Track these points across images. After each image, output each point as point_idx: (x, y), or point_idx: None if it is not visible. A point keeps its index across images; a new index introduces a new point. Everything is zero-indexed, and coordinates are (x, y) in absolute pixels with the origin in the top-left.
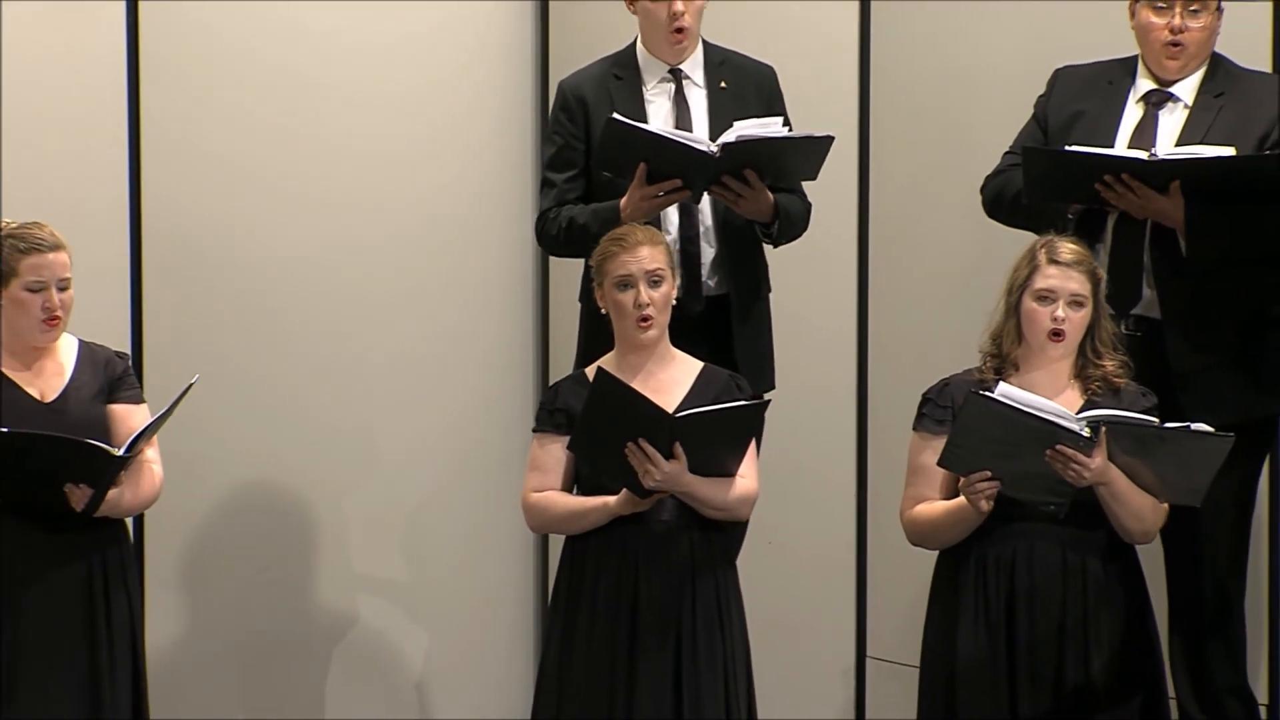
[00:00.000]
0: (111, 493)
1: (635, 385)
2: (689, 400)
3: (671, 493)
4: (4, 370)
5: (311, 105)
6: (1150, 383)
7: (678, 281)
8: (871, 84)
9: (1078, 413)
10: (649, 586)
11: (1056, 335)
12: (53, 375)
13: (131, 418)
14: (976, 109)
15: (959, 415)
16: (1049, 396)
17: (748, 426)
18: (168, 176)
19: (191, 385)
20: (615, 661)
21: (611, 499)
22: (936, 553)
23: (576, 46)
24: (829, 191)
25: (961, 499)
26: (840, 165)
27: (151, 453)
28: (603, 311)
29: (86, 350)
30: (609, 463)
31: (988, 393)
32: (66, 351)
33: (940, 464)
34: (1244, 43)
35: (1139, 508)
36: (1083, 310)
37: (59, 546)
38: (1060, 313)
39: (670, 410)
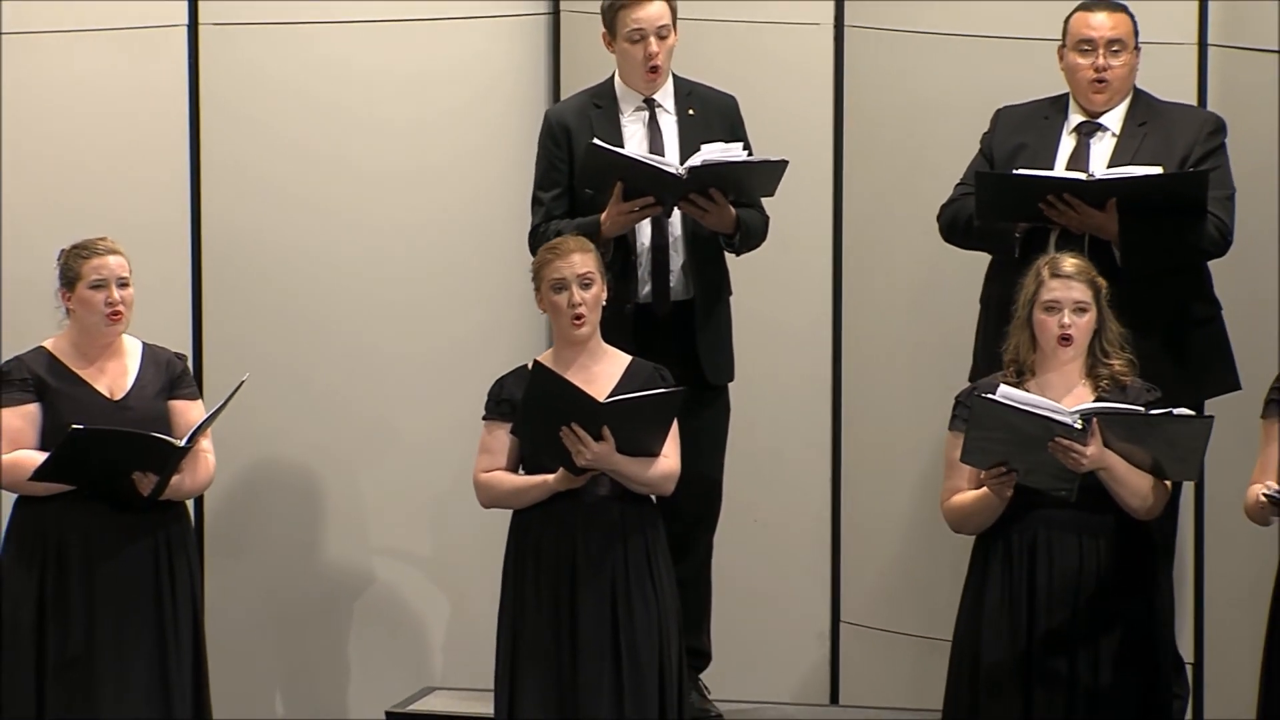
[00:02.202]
0: (173, 479)
1: (570, 377)
2: (618, 390)
3: (602, 470)
4: (77, 370)
5: (350, 133)
6: None
7: (606, 285)
8: (844, 113)
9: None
10: (585, 545)
11: (1065, 340)
12: (119, 375)
13: (190, 412)
14: (936, 137)
15: (970, 419)
16: (1062, 395)
17: (668, 411)
18: (224, 198)
19: (242, 384)
20: (559, 609)
21: (550, 477)
22: (909, 530)
23: (584, 81)
24: (806, 208)
25: (985, 489)
26: (815, 185)
27: (206, 443)
28: (542, 313)
29: (149, 352)
30: (547, 444)
31: (988, 396)
32: (132, 353)
33: (961, 460)
34: (1173, 84)
35: (1138, 487)
36: (1087, 315)
37: (129, 525)
38: (1066, 319)
39: (601, 398)
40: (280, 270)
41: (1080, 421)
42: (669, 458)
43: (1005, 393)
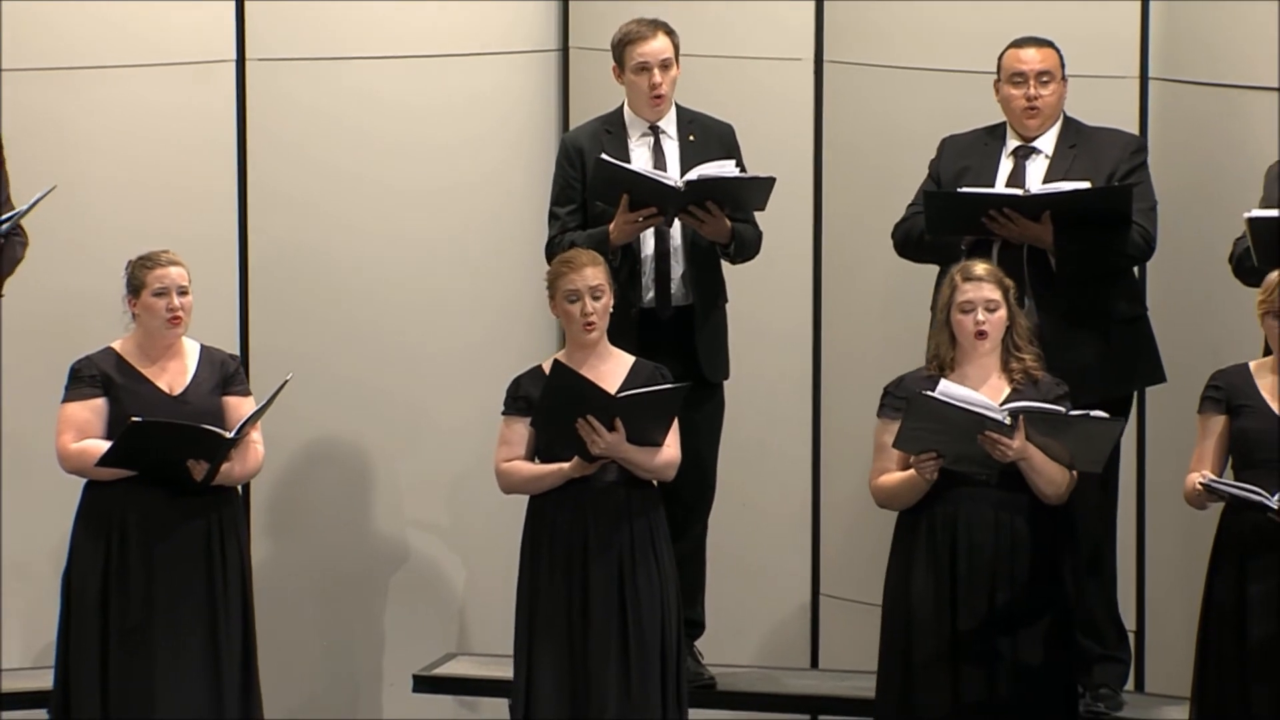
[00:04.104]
0: (224, 466)
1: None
2: (624, 386)
3: (612, 458)
4: (140, 369)
5: (381, 157)
6: None
7: (613, 295)
8: (824, 140)
9: (1004, 400)
10: (596, 526)
11: (981, 335)
12: (179, 373)
13: (241, 407)
14: (906, 161)
15: (908, 410)
16: (979, 387)
17: (672, 405)
18: (268, 216)
19: (286, 382)
20: (571, 584)
21: (566, 465)
22: (883, 511)
23: (590, 112)
24: (790, 224)
25: (914, 470)
26: (798, 203)
27: (256, 434)
28: (555, 318)
29: (206, 353)
30: (563, 435)
31: (930, 393)
32: (190, 354)
33: (895, 446)
34: (1116, 114)
35: (1052, 475)
36: (998, 312)
37: (184, 508)
38: (980, 317)
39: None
40: (319, 279)
41: (1009, 418)
42: (671, 447)
43: (944, 389)
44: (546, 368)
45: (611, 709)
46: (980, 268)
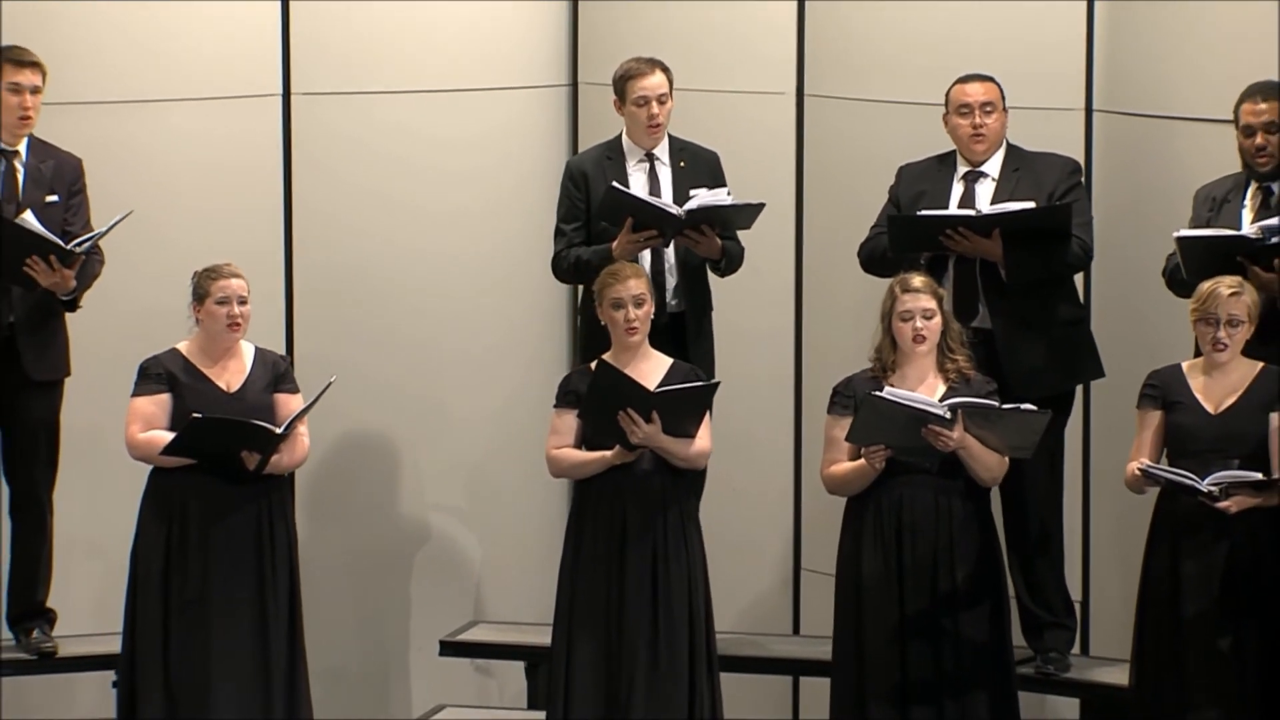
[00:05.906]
0: (274, 457)
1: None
2: (663, 383)
3: (650, 448)
4: (202, 368)
5: (410, 182)
6: (986, 371)
7: (653, 303)
8: (804, 165)
9: (941, 397)
10: (634, 511)
11: (919, 340)
12: (235, 372)
13: (290, 403)
14: (877, 184)
15: (859, 410)
16: (917, 385)
17: (704, 401)
18: (311, 234)
19: (330, 384)
20: (610, 562)
21: (608, 453)
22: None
23: (597, 140)
24: (774, 241)
25: (862, 460)
26: (781, 221)
27: (303, 428)
28: (602, 323)
29: (260, 354)
30: (606, 425)
31: (879, 394)
32: (246, 355)
33: (848, 439)
34: (1062, 142)
35: (988, 462)
36: (934, 320)
37: (238, 494)
38: (919, 324)
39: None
40: (356, 291)
41: (949, 413)
42: (703, 439)
43: (890, 392)
44: (594, 366)
45: (641, 676)
46: (917, 280)
